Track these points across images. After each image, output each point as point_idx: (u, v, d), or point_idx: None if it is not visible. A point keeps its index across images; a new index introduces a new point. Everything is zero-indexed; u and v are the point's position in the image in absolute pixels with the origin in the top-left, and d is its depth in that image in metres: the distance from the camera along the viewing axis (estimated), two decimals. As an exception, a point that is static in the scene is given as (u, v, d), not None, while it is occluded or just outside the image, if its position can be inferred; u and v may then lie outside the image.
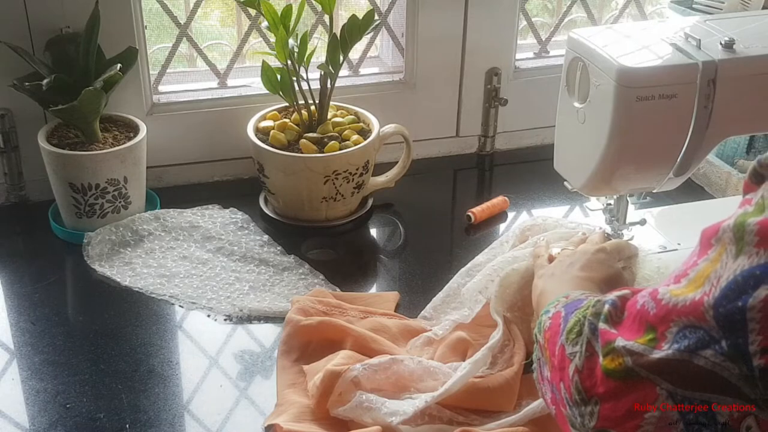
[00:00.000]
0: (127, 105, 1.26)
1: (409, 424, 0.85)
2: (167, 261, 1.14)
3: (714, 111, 0.92)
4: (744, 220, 0.54)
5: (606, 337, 0.62)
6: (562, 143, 1.05)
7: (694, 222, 1.16)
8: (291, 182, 1.20)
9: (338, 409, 0.86)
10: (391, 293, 1.10)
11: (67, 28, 1.19)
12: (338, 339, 0.96)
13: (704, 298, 0.54)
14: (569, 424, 0.66)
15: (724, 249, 0.55)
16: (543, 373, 0.73)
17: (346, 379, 0.86)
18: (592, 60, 0.94)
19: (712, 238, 0.57)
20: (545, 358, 0.72)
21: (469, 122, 1.46)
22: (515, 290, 0.97)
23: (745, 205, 0.56)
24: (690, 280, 0.57)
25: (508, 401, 0.89)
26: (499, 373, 0.90)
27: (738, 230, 0.54)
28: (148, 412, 0.90)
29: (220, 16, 1.72)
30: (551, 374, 0.70)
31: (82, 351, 0.99)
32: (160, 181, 1.33)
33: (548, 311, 0.75)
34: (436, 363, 0.91)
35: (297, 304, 1.01)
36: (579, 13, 1.51)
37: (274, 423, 0.87)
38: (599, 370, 0.62)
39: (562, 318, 0.71)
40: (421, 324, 1.02)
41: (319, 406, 0.87)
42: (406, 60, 1.40)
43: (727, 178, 1.30)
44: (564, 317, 0.71)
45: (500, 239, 1.10)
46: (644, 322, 0.60)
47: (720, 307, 0.53)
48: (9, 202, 1.27)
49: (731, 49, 0.92)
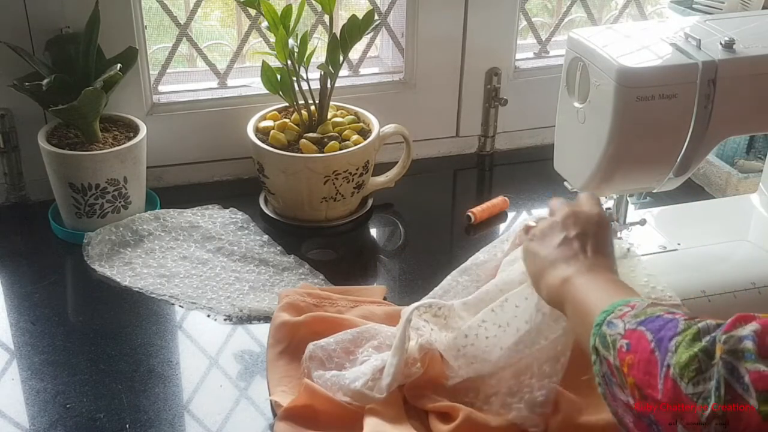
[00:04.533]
0: (127, 105, 1.26)
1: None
2: (167, 261, 1.14)
3: (714, 111, 0.92)
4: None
5: (763, 383, 0.56)
6: (562, 143, 1.05)
7: (694, 222, 1.17)
8: (291, 182, 1.20)
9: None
10: (378, 287, 1.10)
11: (67, 28, 1.19)
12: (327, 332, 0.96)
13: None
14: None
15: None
16: (616, 395, 0.67)
17: (305, 360, 0.93)
18: (592, 60, 0.93)
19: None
20: (625, 382, 0.65)
21: (469, 122, 1.46)
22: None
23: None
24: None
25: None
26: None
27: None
28: (148, 412, 0.90)
29: (220, 16, 1.72)
30: (644, 404, 0.63)
31: (82, 351, 0.99)
32: (160, 181, 1.33)
33: (613, 325, 0.68)
34: (377, 324, 0.97)
35: (286, 299, 1.01)
36: (579, 13, 1.51)
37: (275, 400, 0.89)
38: (755, 417, 0.56)
39: (652, 343, 0.63)
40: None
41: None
42: (406, 60, 1.40)
43: (727, 178, 1.30)
44: (656, 343, 0.63)
45: (500, 238, 1.09)
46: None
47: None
48: (9, 202, 1.27)
49: (731, 49, 0.92)
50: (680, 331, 0.62)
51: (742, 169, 1.31)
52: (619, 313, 0.69)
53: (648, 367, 0.63)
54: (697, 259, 1.07)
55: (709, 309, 0.99)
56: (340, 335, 0.95)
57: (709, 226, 1.13)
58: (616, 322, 0.68)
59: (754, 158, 1.35)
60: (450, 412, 0.87)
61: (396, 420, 0.87)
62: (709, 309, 0.99)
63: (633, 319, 0.67)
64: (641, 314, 0.67)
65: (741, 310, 1.01)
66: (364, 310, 1.02)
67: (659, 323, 0.65)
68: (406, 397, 0.90)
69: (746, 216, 1.15)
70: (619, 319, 0.68)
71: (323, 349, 0.93)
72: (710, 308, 0.99)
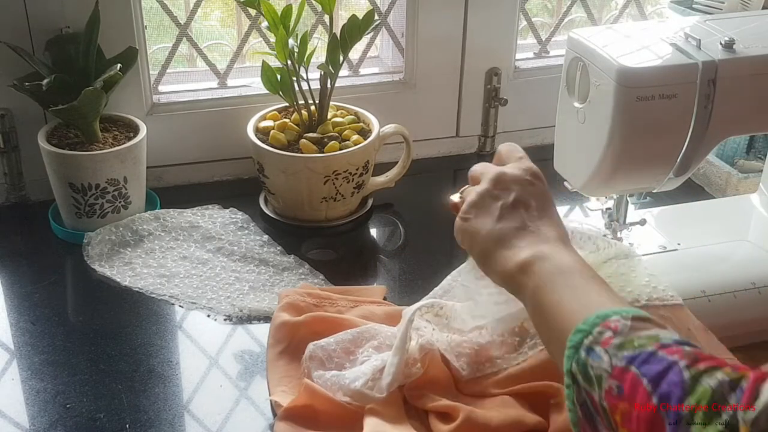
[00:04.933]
0: (127, 105, 1.26)
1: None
2: (167, 261, 1.14)
3: (714, 111, 0.92)
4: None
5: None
6: (562, 143, 1.05)
7: (694, 222, 1.17)
8: (291, 182, 1.20)
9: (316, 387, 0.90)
10: (378, 287, 1.10)
11: (67, 28, 1.19)
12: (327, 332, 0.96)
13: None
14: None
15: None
16: (599, 430, 0.61)
17: (305, 360, 0.92)
18: (592, 60, 0.94)
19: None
20: (616, 429, 0.59)
21: (469, 122, 1.46)
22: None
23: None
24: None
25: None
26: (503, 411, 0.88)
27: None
28: (148, 412, 0.90)
29: (220, 16, 1.72)
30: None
31: (82, 351, 0.98)
32: (160, 181, 1.33)
33: (596, 354, 0.61)
34: (377, 324, 0.96)
35: (286, 299, 1.01)
36: (579, 13, 1.51)
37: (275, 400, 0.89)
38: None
39: (653, 398, 0.56)
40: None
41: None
42: (406, 60, 1.40)
43: (727, 178, 1.30)
44: (659, 399, 0.56)
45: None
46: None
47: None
48: (9, 202, 1.27)
49: (731, 49, 0.92)
50: (688, 392, 0.55)
51: (742, 169, 1.31)
52: (600, 338, 0.61)
53: (653, 428, 0.56)
54: (697, 259, 1.07)
55: (709, 309, 0.99)
56: (340, 335, 0.95)
57: (709, 226, 1.13)
58: (598, 351, 0.61)
59: (754, 158, 1.35)
60: (450, 412, 0.87)
61: (396, 420, 0.87)
62: (709, 309, 0.99)
63: (619, 351, 0.60)
64: (627, 345, 0.60)
65: (741, 310, 1.02)
66: (364, 310, 1.02)
67: (656, 368, 0.57)
68: (406, 397, 0.90)
69: (746, 216, 1.15)
70: (602, 348, 0.61)
71: (323, 349, 0.93)
72: (710, 308, 0.99)
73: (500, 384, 0.92)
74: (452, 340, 0.93)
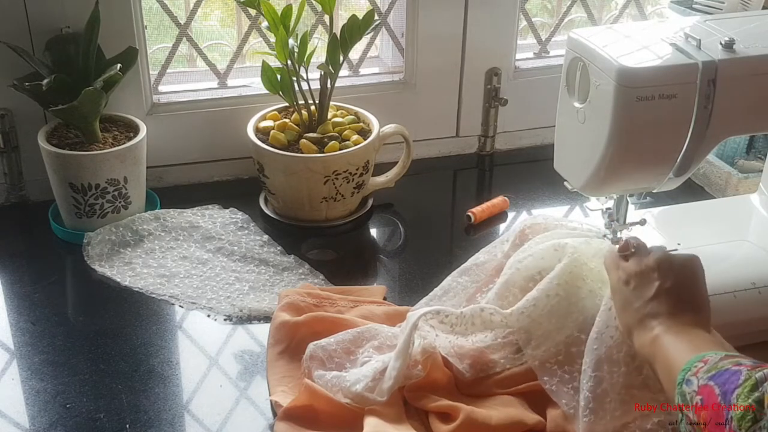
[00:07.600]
0: (127, 105, 1.26)
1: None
2: (167, 261, 1.14)
3: (714, 111, 0.92)
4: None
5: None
6: (562, 143, 1.05)
7: (694, 222, 1.17)
8: (291, 182, 1.20)
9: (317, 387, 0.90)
10: (378, 287, 1.10)
11: (67, 28, 1.19)
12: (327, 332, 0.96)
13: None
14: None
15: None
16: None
17: (305, 360, 0.93)
18: (592, 60, 0.93)
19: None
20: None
21: (469, 122, 1.46)
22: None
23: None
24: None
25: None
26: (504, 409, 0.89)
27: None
28: (148, 412, 0.90)
29: (220, 16, 1.72)
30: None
31: (82, 351, 0.99)
32: (160, 181, 1.33)
33: (690, 382, 0.71)
34: (377, 325, 0.97)
35: (286, 299, 1.01)
36: (579, 13, 1.51)
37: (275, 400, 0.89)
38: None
39: (719, 397, 0.67)
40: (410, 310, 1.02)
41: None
42: (406, 60, 1.40)
43: (727, 178, 1.30)
44: (722, 396, 0.67)
45: (500, 238, 1.10)
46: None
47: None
48: (9, 202, 1.27)
49: (731, 49, 0.91)
50: (741, 383, 0.65)
51: (742, 169, 1.31)
52: (694, 370, 0.72)
53: (717, 419, 0.66)
54: (697, 259, 1.06)
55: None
56: (341, 335, 0.95)
57: (709, 226, 1.13)
58: (692, 379, 0.71)
59: (754, 158, 1.35)
60: (450, 412, 0.87)
61: (396, 420, 0.87)
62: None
63: (705, 374, 0.70)
64: (712, 369, 0.70)
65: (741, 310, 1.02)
66: (364, 310, 1.02)
67: (725, 376, 0.68)
68: (406, 397, 0.90)
69: (746, 216, 1.15)
70: (694, 376, 0.71)
71: (323, 349, 0.93)
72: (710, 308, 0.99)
73: (502, 383, 0.92)
74: (455, 344, 0.93)
